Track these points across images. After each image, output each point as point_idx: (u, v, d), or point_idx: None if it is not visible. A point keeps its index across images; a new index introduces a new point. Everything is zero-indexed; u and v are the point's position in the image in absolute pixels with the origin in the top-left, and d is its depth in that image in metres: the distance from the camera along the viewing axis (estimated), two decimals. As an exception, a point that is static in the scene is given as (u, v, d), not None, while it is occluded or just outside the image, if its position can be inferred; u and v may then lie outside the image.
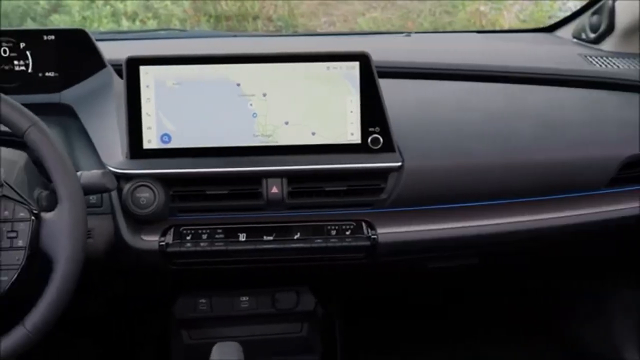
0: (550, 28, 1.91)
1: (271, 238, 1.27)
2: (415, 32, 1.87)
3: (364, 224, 1.28)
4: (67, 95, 1.36)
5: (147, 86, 1.23)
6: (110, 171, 1.19)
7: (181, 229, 1.26)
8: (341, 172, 1.26)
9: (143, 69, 1.23)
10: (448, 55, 1.58)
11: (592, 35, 1.73)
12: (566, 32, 1.85)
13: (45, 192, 1.16)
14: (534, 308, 1.90)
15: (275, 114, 1.25)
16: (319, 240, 1.27)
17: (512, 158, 1.32)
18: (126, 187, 1.21)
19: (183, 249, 1.25)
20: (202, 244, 1.25)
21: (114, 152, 1.25)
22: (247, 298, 1.54)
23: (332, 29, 4.24)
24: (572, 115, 1.42)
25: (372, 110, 1.26)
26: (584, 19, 1.77)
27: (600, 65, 1.59)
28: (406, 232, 1.29)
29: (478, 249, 1.40)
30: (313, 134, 1.26)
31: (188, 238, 1.26)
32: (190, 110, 1.24)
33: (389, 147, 1.26)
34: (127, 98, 1.23)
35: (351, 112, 1.26)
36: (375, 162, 1.26)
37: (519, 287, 1.85)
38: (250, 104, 1.25)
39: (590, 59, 1.62)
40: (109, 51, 1.40)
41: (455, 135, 1.33)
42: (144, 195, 1.21)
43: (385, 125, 1.26)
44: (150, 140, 1.24)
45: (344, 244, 1.27)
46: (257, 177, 1.25)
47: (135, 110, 1.23)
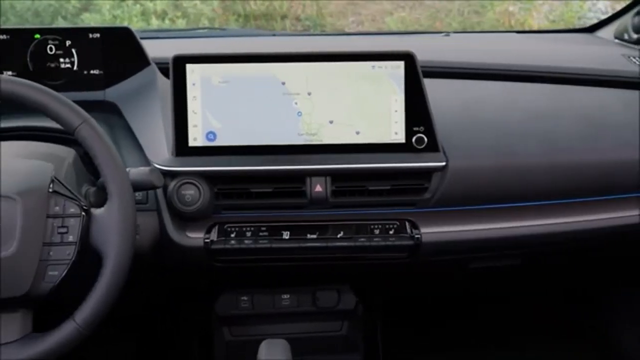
0: (591, 29, 1.90)
1: (315, 236, 1.27)
2: (453, 32, 1.87)
3: (407, 224, 1.28)
4: (112, 93, 1.37)
5: (193, 84, 1.24)
6: (156, 168, 1.20)
7: (225, 227, 1.27)
8: (385, 171, 1.26)
9: (189, 67, 1.23)
10: (490, 55, 1.57)
11: (635, 36, 1.71)
12: (607, 32, 1.83)
13: (93, 189, 1.18)
14: (574, 311, 1.88)
15: (320, 113, 1.25)
16: (362, 239, 1.27)
17: (557, 158, 1.31)
18: (172, 184, 1.22)
19: (227, 246, 1.26)
20: (246, 242, 1.26)
21: (159, 150, 1.26)
22: (288, 296, 1.55)
23: (359, 29, 4.24)
24: (615, 116, 1.40)
25: (416, 109, 1.25)
26: (627, 19, 1.75)
27: (643, 66, 1.57)
28: (449, 232, 1.29)
29: (522, 250, 1.39)
30: (357, 133, 1.26)
31: (232, 235, 1.26)
32: (236, 108, 1.25)
33: (433, 146, 1.26)
34: (174, 96, 1.24)
35: (396, 111, 1.26)
36: (419, 161, 1.25)
37: (561, 289, 1.84)
38: (295, 103, 1.25)
39: (633, 60, 1.60)
40: (152, 49, 1.41)
41: (499, 135, 1.32)
42: (189, 192, 1.21)
43: (429, 124, 1.25)
44: (195, 138, 1.24)
45: (388, 243, 1.27)
46: (301, 176, 1.25)
47: (182, 108, 1.24)
